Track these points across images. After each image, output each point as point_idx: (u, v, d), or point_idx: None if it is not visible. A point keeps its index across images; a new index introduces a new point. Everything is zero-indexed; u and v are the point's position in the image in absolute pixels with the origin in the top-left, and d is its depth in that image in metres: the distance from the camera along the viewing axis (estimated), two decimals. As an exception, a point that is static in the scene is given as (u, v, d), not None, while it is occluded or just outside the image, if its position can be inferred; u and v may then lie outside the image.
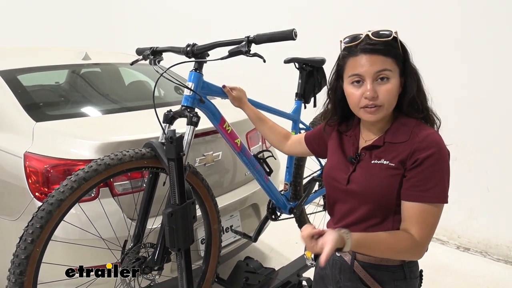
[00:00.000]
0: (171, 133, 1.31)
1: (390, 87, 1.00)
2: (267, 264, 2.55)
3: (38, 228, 1.14)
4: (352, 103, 1.06)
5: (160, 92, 2.65)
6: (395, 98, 1.03)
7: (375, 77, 1.00)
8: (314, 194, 2.24)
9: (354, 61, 1.03)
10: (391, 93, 1.01)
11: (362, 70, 1.01)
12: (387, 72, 1.00)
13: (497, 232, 2.79)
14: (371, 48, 1.00)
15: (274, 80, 3.49)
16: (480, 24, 2.65)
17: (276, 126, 1.54)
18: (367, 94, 1.00)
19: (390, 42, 1.01)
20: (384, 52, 1.00)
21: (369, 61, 1.00)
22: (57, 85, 2.49)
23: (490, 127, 2.71)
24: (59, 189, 1.19)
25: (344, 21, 3.27)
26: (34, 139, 1.71)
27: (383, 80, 1.00)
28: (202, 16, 4.44)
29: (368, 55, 1.00)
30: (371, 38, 1.01)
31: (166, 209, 1.33)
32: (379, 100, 1.01)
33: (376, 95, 1.00)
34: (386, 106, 1.02)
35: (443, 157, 1.00)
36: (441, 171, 0.99)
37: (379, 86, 1.00)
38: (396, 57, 1.02)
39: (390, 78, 1.00)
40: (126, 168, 1.33)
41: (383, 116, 1.04)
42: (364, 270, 1.11)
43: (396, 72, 1.02)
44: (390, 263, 1.08)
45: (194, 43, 1.46)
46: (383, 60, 1.00)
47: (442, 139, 1.03)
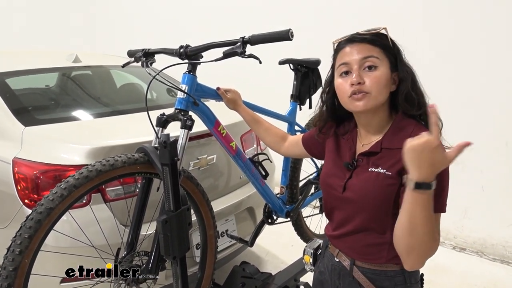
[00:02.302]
0: (164, 137, 1.27)
1: (378, 74, 0.99)
2: (264, 268, 2.53)
3: (26, 238, 1.09)
4: (341, 94, 1.05)
5: (152, 95, 2.61)
6: (384, 87, 1.00)
7: (361, 64, 1.00)
8: (311, 197, 2.22)
9: (342, 53, 1.04)
10: (378, 80, 0.99)
11: (347, 59, 1.02)
12: (373, 59, 0.99)
13: (492, 232, 2.79)
14: (356, 37, 1.02)
15: (269, 82, 3.47)
16: (472, 24, 2.66)
17: (272, 127, 1.51)
18: (353, 79, 1.00)
19: (378, 34, 1.02)
20: (370, 41, 1.01)
21: (355, 49, 1.01)
22: (47, 89, 2.44)
23: (484, 126, 2.71)
24: (48, 197, 1.14)
25: (340, 22, 3.26)
26: (23, 144, 1.67)
27: (371, 69, 1.00)
28: (196, 17, 4.41)
29: (355, 44, 1.02)
30: (359, 32, 1.02)
31: (161, 216, 1.29)
32: (365, 86, 0.99)
33: (363, 80, 0.99)
34: (374, 94, 0.99)
35: None
36: (442, 182, 0.95)
37: (366, 74, 1.00)
38: (385, 48, 1.01)
39: (378, 66, 1.00)
40: (119, 174, 1.28)
41: (371, 105, 1.00)
42: (363, 275, 1.08)
43: (384, 62, 1.01)
44: (390, 268, 1.06)
45: (188, 44, 1.43)
46: (369, 48, 1.00)
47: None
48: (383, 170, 1.01)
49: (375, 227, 1.04)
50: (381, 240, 1.05)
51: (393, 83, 1.04)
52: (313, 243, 1.34)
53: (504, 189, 2.69)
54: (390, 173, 0.99)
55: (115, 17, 5.36)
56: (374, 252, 1.06)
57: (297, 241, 2.32)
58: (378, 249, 1.06)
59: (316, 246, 1.33)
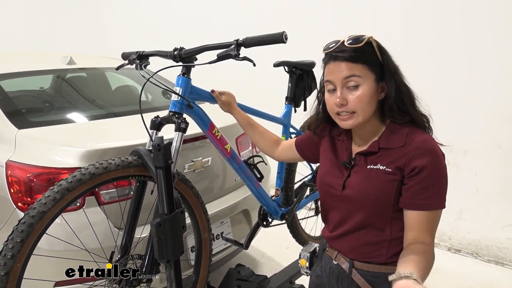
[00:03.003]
0: (158, 140, 1.26)
1: (359, 94, 0.99)
2: (259, 271, 2.52)
3: (18, 242, 1.09)
4: (329, 109, 1.07)
5: (147, 97, 2.60)
6: (368, 104, 1.01)
7: (343, 83, 1.00)
8: (306, 199, 2.21)
9: (328, 68, 1.04)
10: (361, 99, 1.00)
11: (331, 77, 1.02)
12: (355, 78, 0.99)
13: (487, 233, 2.80)
14: (339, 55, 1.00)
15: (263, 84, 3.47)
16: (468, 27, 2.67)
17: (266, 132, 1.51)
18: (336, 101, 1.01)
19: (361, 49, 1.00)
20: (352, 59, 0.99)
21: (337, 67, 1.01)
22: (41, 91, 2.43)
23: (478, 128, 2.72)
24: (41, 201, 1.14)
25: (335, 24, 3.27)
26: (17, 147, 1.66)
27: (353, 88, 1.00)
28: (191, 18, 4.40)
29: (337, 62, 1.01)
30: (343, 45, 1.01)
31: (154, 219, 1.28)
32: (349, 107, 1.01)
33: (345, 101, 1.00)
34: (359, 112, 1.01)
35: (440, 163, 0.99)
36: (440, 178, 0.98)
37: (349, 92, 1.00)
38: (369, 63, 1.00)
39: (360, 85, 0.99)
40: (112, 177, 1.28)
41: (358, 123, 1.02)
42: (362, 278, 1.08)
43: (368, 78, 1.00)
44: (389, 270, 1.05)
45: (182, 47, 1.43)
46: (350, 66, 0.99)
47: (437, 143, 1.02)
48: (382, 166, 1.02)
49: (375, 223, 1.05)
50: (381, 238, 1.05)
51: (382, 91, 1.04)
52: (309, 247, 1.34)
53: (499, 191, 2.70)
54: (390, 169, 1.01)
55: (107, 20, 5.35)
56: (373, 250, 1.07)
57: (292, 243, 2.31)
58: (378, 247, 1.06)
59: (312, 250, 1.32)
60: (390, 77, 1.02)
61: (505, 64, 2.56)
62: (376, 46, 1.01)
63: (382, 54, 1.02)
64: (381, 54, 1.02)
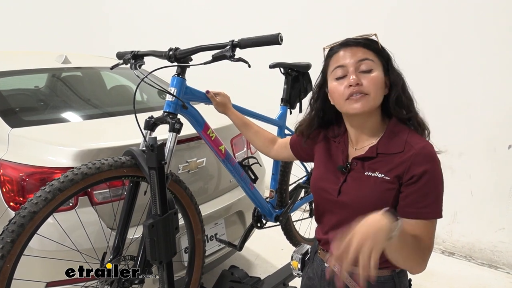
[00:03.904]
0: (152, 140, 1.26)
1: (375, 76, 1.00)
2: (253, 272, 2.52)
3: (8, 242, 1.07)
4: (338, 97, 1.03)
5: (143, 97, 2.60)
6: (380, 89, 1.01)
7: (357, 66, 1.00)
8: (300, 201, 2.21)
9: (337, 57, 1.03)
10: (376, 81, 0.99)
11: (343, 62, 1.01)
12: (369, 62, 1.00)
13: (480, 236, 2.81)
14: (350, 42, 1.02)
15: (259, 85, 3.47)
16: (462, 30, 2.68)
17: (261, 130, 1.50)
18: (351, 81, 0.99)
19: (370, 39, 1.03)
20: (364, 45, 1.01)
21: (350, 52, 1.01)
22: (36, 90, 2.41)
23: (473, 132, 2.73)
24: (32, 201, 1.13)
25: (331, 26, 3.27)
26: (9, 146, 1.64)
27: (366, 71, 1.00)
28: (187, 20, 4.39)
29: (349, 48, 1.02)
30: (350, 38, 1.03)
31: (147, 220, 1.27)
32: (364, 87, 0.98)
33: (361, 82, 0.99)
34: (372, 95, 0.99)
35: (438, 171, 0.98)
36: (438, 187, 0.97)
37: (363, 76, 0.99)
38: (378, 52, 1.02)
39: (374, 69, 1.00)
40: (105, 178, 1.27)
41: (369, 107, 0.99)
42: (353, 281, 1.08)
43: (379, 66, 1.01)
44: (380, 273, 1.05)
45: (177, 47, 1.42)
46: (364, 51, 1.01)
47: (434, 150, 1.01)
48: (380, 174, 1.00)
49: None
50: None
51: (386, 87, 1.04)
52: (301, 248, 1.33)
53: (493, 194, 2.71)
54: (388, 177, 0.99)
55: (98, 19, 5.33)
56: None
57: (287, 245, 2.31)
58: None
59: (304, 252, 1.32)
60: (394, 72, 1.04)
61: (501, 68, 2.57)
62: (380, 44, 1.04)
63: (385, 51, 1.05)
64: (384, 50, 1.04)
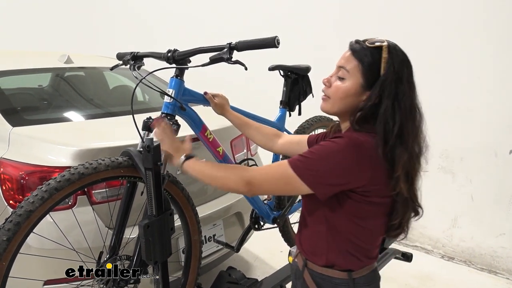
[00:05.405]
0: (148, 141, 1.27)
1: (339, 85, 1.04)
2: (251, 274, 2.52)
3: (4, 241, 1.09)
4: None
5: (145, 98, 2.61)
6: (341, 100, 1.04)
7: (337, 70, 1.06)
8: (298, 203, 2.21)
9: None
10: (336, 91, 1.04)
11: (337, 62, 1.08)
12: (344, 71, 1.04)
13: (481, 241, 2.80)
14: (350, 45, 1.06)
15: (258, 88, 3.47)
16: (465, 34, 2.67)
17: (262, 126, 1.52)
18: (324, 80, 1.09)
19: (365, 47, 1.01)
20: (353, 52, 1.03)
21: (344, 54, 1.07)
22: (38, 89, 2.43)
23: (474, 136, 2.72)
24: (29, 200, 1.14)
25: (332, 28, 3.27)
26: (10, 144, 1.66)
27: (339, 78, 1.05)
28: (185, 21, 4.41)
29: (346, 51, 1.07)
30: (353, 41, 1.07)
31: (143, 221, 1.28)
32: (328, 91, 1.07)
33: (329, 84, 1.07)
34: (332, 101, 1.06)
35: (333, 143, 0.98)
36: (322, 151, 0.98)
37: (335, 80, 1.06)
38: (364, 65, 1.00)
39: (345, 79, 1.03)
40: (102, 178, 1.28)
41: (327, 109, 1.08)
42: (311, 278, 1.11)
43: (355, 78, 1.01)
44: (336, 275, 1.08)
45: (175, 49, 1.43)
46: (348, 59, 1.04)
47: (354, 141, 0.97)
48: None
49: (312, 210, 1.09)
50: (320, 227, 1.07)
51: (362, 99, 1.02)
52: None
53: (493, 199, 2.70)
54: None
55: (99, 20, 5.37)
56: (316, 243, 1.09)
57: (286, 247, 2.31)
58: (318, 239, 1.08)
59: None
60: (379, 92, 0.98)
61: (502, 73, 2.56)
62: (386, 57, 0.99)
63: (388, 68, 0.98)
64: (387, 67, 0.98)
